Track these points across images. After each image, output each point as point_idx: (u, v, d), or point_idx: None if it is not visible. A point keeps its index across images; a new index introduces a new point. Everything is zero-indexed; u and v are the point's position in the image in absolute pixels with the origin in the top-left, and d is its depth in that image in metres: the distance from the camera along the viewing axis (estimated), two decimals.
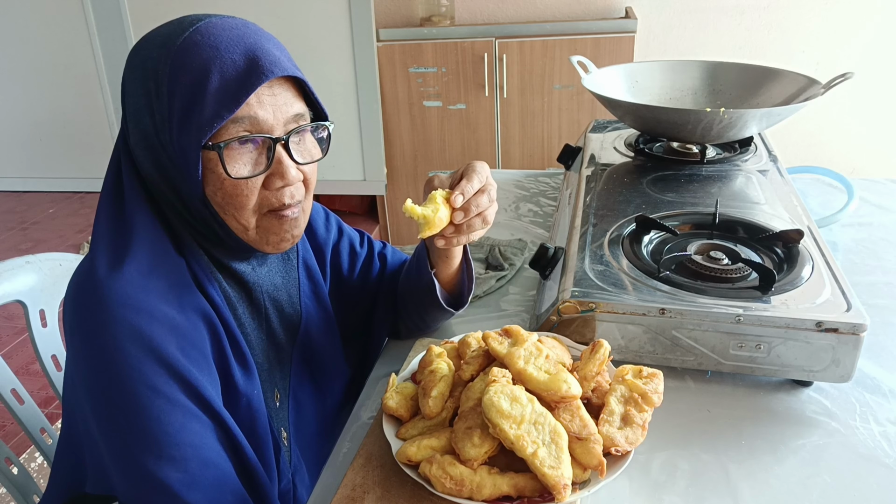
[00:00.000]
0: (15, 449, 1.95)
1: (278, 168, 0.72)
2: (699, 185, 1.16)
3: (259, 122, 0.70)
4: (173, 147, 0.70)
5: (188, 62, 0.68)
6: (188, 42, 0.69)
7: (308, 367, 0.91)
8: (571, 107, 2.79)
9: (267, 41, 0.72)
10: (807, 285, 0.86)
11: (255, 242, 0.76)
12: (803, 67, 1.37)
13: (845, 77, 1.19)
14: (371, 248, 1.03)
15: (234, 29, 0.71)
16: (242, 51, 0.69)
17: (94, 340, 0.67)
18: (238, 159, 0.71)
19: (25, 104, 3.50)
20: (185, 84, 0.68)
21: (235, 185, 0.71)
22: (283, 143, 0.72)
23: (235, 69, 0.68)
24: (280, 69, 0.70)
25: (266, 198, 0.74)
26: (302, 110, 0.75)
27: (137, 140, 0.72)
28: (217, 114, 0.67)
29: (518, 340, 0.73)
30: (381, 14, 3.06)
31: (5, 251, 3.22)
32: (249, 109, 0.69)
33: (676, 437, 0.78)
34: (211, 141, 0.69)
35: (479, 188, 0.80)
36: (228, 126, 0.69)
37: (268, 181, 0.73)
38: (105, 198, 0.75)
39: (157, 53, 0.70)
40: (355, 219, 3.35)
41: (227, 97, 0.68)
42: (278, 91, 0.72)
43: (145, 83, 0.70)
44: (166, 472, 0.66)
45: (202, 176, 0.70)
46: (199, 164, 0.69)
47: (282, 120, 0.72)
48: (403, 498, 0.69)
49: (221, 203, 0.72)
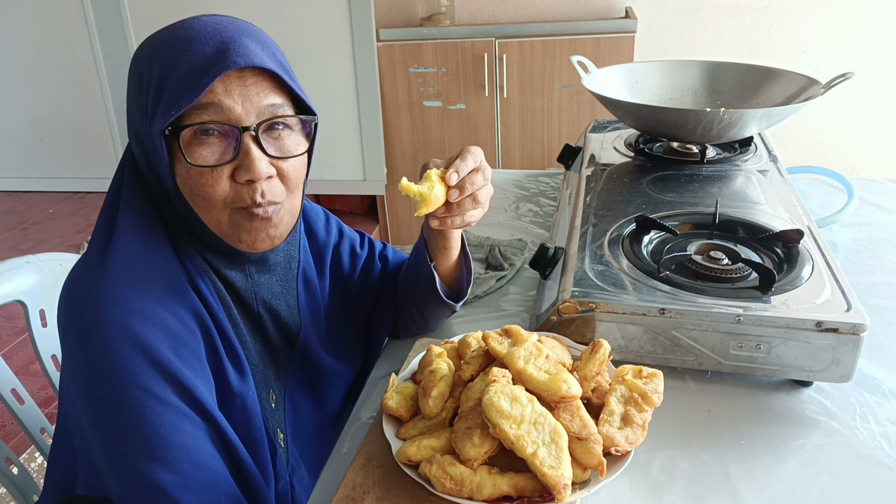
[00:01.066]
0: (15, 449, 1.95)
1: (244, 160, 0.70)
2: (699, 185, 1.16)
3: (225, 111, 0.69)
4: (150, 139, 0.70)
5: (164, 54, 0.69)
6: (170, 37, 0.70)
7: (305, 372, 0.90)
8: (571, 107, 2.79)
9: (248, 36, 0.71)
10: (807, 285, 0.86)
11: (229, 238, 0.75)
12: (803, 67, 1.37)
13: (845, 77, 1.19)
14: (372, 249, 1.02)
15: (216, 24, 0.71)
16: (215, 42, 0.69)
17: (85, 341, 0.67)
18: (203, 148, 0.70)
19: (25, 104, 3.50)
20: (157, 74, 0.69)
21: (200, 175, 0.70)
22: (251, 133, 0.70)
23: (203, 58, 0.68)
24: (248, 59, 0.68)
25: (238, 192, 0.72)
26: (278, 101, 0.72)
27: (131, 137, 0.74)
28: (177, 101, 0.67)
29: (518, 340, 0.73)
30: (381, 14, 3.06)
31: (5, 251, 3.22)
32: (214, 96, 0.68)
33: (676, 437, 0.78)
34: (170, 127, 0.68)
35: (473, 167, 0.79)
36: (192, 113, 0.68)
37: (235, 173, 0.71)
38: (107, 199, 0.75)
39: (145, 51, 0.71)
40: (355, 219, 3.35)
41: (189, 84, 0.67)
42: (251, 81, 0.70)
43: (134, 79, 0.72)
44: (159, 473, 0.66)
45: (172, 166, 0.70)
46: (164, 150, 0.69)
47: (252, 111, 0.70)
48: (403, 498, 0.69)
49: (190, 195, 0.72)
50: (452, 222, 0.80)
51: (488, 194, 0.82)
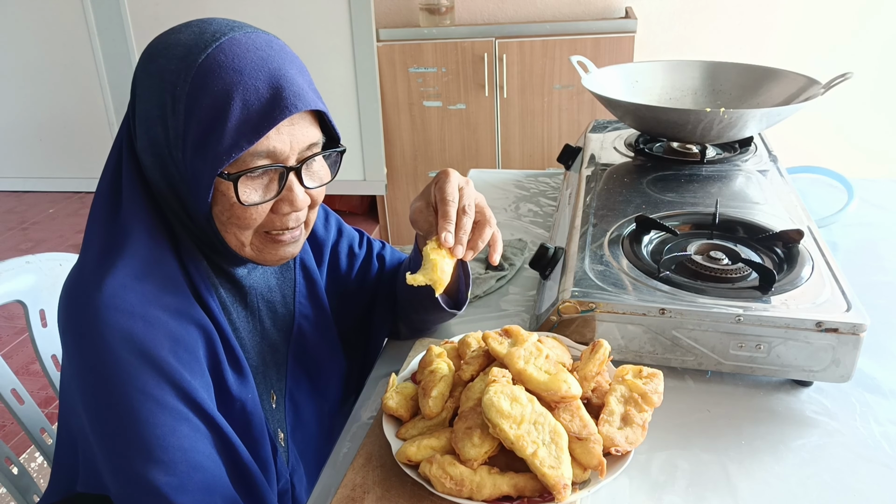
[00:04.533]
0: (15, 449, 1.95)
1: (289, 195, 0.72)
2: (699, 185, 1.16)
3: (276, 154, 0.69)
4: (185, 166, 0.69)
5: (210, 84, 0.66)
6: (211, 61, 0.67)
7: (304, 367, 0.90)
8: (571, 107, 2.79)
9: (291, 66, 0.70)
10: (807, 285, 0.86)
11: (252, 258, 0.76)
12: (803, 67, 1.36)
13: (845, 77, 1.19)
14: (370, 248, 1.03)
15: (258, 50, 0.69)
16: (266, 77, 0.67)
17: (84, 343, 0.67)
18: (250, 186, 0.70)
19: (26, 104, 3.50)
20: (205, 108, 0.66)
21: (245, 210, 0.71)
22: (295, 171, 0.72)
23: (259, 99, 0.67)
24: (304, 103, 0.69)
25: (271, 220, 0.74)
26: (317, 139, 0.73)
27: (145, 146, 0.71)
28: (236, 144, 0.66)
29: (518, 340, 0.73)
30: (381, 14, 3.06)
31: (5, 251, 3.22)
32: (269, 142, 0.68)
33: (676, 437, 0.78)
34: (227, 170, 0.68)
35: (457, 208, 0.78)
36: (245, 156, 0.68)
37: (276, 206, 0.73)
38: (100, 199, 0.74)
39: (175, 66, 0.68)
40: (355, 219, 3.35)
41: (247, 129, 0.66)
42: (297, 121, 0.70)
43: (161, 95, 0.68)
44: (155, 475, 0.66)
45: (212, 197, 0.70)
46: (211, 189, 0.69)
47: (297, 149, 0.71)
48: (403, 498, 0.69)
49: (226, 222, 0.72)
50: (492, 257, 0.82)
51: (483, 206, 0.81)
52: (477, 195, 0.81)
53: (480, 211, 0.80)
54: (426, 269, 0.76)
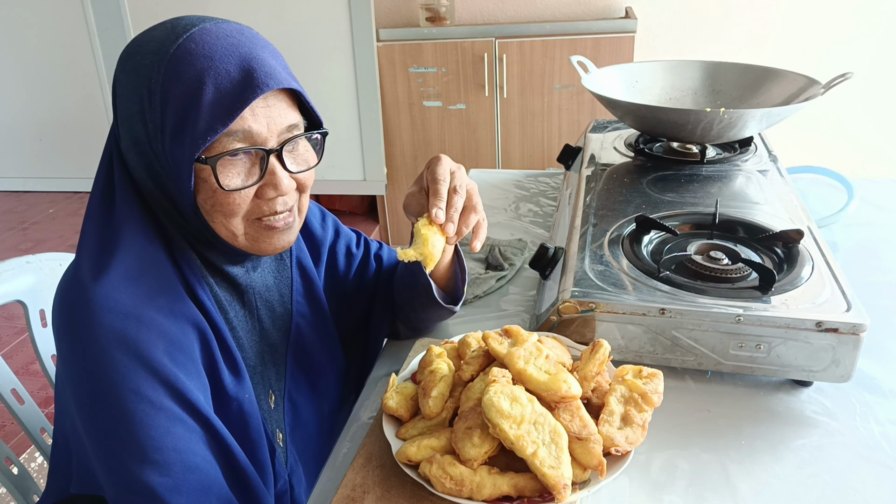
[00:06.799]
0: (15, 449, 1.95)
1: (271, 179, 0.72)
2: (699, 185, 1.16)
3: (253, 135, 0.69)
4: (166, 157, 0.69)
5: (182, 72, 0.67)
6: (182, 50, 0.67)
7: (303, 367, 0.90)
8: (571, 107, 2.79)
9: (262, 49, 0.71)
10: (807, 285, 0.86)
11: (247, 248, 0.76)
12: (803, 67, 1.36)
13: (845, 77, 1.19)
14: (367, 248, 1.03)
15: (228, 37, 0.69)
16: (237, 61, 0.68)
17: (79, 345, 0.67)
18: (231, 171, 0.70)
19: (25, 104, 3.50)
20: (178, 95, 0.67)
21: (227, 196, 0.70)
22: (276, 153, 0.71)
23: (230, 81, 0.67)
24: (276, 81, 0.69)
25: (258, 206, 0.73)
26: (296, 120, 0.73)
27: (129, 146, 0.72)
28: (211, 127, 0.66)
29: (518, 340, 0.73)
30: (381, 14, 3.06)
31: (5, 251, 3.22)
32: (243, 122, 0.68)
33: (676, 437, 0.78)
34: (204, 154, 0.68)
35: (447, 189, 0.79)
36: (221, 139, 0.68)
37: (261, 191, 0.73)
38: (95, 201, 0.74)
39: (149, 60, 0.68)
40: (355, 219, 3.35)
41: (221, 111, 0.66)
42: (273, 102, 0.70)
43: (138, 90, 0.69)
44: (149, 476, 0.66)
45: (194, 186, 0.70)
46: (192, 176, 0.69)
47: (276, 131, 0.71)
48: (403, 498, 0.69)
49: (210, 211, 0.72)
50: (472, 243, 0.82)
51: (473, 192, 0.82)
52: (469, 181, 0.82)
53: (469, 196, 0.81)
54: (417, 245, 0.77)
